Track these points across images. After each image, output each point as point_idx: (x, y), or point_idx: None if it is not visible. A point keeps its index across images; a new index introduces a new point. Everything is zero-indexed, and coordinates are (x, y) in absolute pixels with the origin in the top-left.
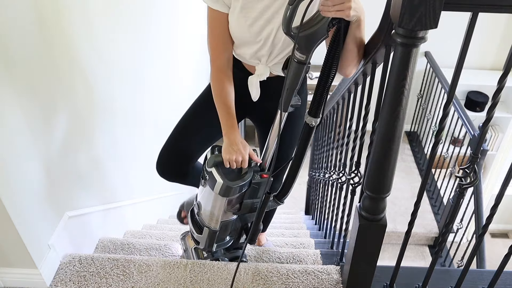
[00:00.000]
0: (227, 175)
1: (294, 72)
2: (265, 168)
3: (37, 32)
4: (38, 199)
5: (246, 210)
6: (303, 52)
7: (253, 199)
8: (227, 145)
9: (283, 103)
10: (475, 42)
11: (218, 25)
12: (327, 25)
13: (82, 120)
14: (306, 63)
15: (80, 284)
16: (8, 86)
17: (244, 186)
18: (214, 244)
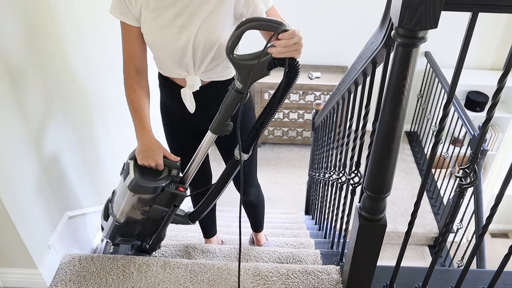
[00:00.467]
0: (142, 172)
1: (231, 99)
2: (186, 182)
3: (33, 36)
4: (38, 199)
5: (155, 216)
6: (242, 82)
7: (163, 207)
8: (140, 150)
9: (215, 125)
10: (475, 42)
11: (128, 35)
12: (267, 63)
13: (82, 121)
14: (244, 93)
15: (80, 284)
16: (8, 88)
17: (155, 189)
18: (118, 237)
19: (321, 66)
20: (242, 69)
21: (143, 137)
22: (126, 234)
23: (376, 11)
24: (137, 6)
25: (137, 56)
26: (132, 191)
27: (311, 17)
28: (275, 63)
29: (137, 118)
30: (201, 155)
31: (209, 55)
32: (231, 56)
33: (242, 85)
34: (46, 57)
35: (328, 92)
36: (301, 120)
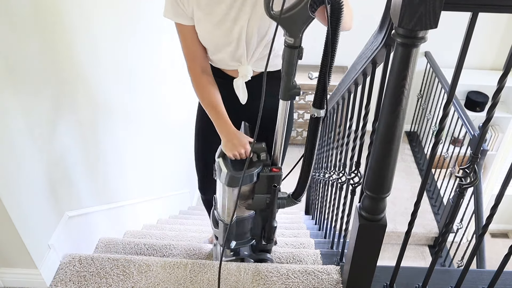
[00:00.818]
0: (233, 165)
1: (287, 57)
2: (277, 162)
3: (38, 36)
4: (38, 199)
5: (259, 206)
6: (291, 35)
7: (265, 194)
8: (225, 142)
9: (282, 91)
10: (475, 42)
11: (187, 36)
12: (308, 6)
13: (82, 121)
14: (298, 46)
15: (80, 284)
16: (9, 88)
17: (251, 178)
18: (232, 241)
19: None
20: (286, 22)
21: (225, 128)
22: (239, 236)
23: (376, 11)
24: (189, 6)
25: (200, 55)
26: (229, 185)
27: None
28: (317, 2)
29: (214, 113)
30: (281, 129)
31: (262, 43)
32: (271, 13)
33: (293, 38)
34: (49, 58)
35: (328, 92)
36: (301, 120)
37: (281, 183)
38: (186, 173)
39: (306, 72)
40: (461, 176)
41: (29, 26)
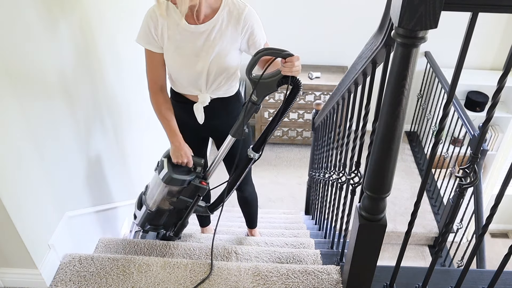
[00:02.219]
0: (173, 168)
1: (248, 110)
2: (207, 177)
3: (40, 36)
4: (38, 199)
5: (180, 205)
6: (257, 96)
7: (188, 198)
8: (174, 150)
9: (235, 131)
10: (475, 42)
11: (154, 61)
12: (276, 82)
13: (82, 121)
14: (258, 104)
15: (80, 284)
16: (9, 88)
17: (183, 182)
18: (147, 225)
19: (321, 66)
20: (258, 86)
21: (175, 140)
22: (154, 222)
23: (376, 11)
24: (162, 38)
25: (161, 77)
26: (165, 183)
27: (311, 17)
28: (282, 81)
29: (167, 126)
30: (221, 155)
31: (219, 78)
32: (250, 76)
33: (257, 98)
34: (49, 57)
35: (328, 92)
36: (301, 120)
37: (204, 193)
38: None
39: (306, 72)
40: (461, 176)
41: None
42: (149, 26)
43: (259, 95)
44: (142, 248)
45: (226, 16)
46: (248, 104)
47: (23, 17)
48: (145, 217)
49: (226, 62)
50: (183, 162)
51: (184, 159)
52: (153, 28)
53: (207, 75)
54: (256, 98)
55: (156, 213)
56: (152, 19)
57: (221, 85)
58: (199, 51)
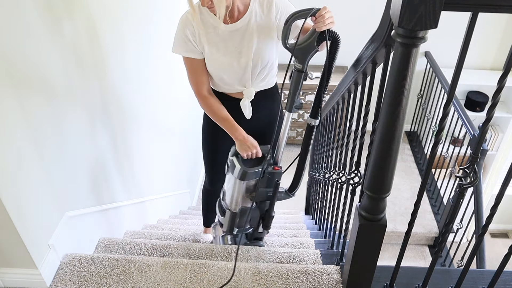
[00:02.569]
0: (245, 163)
1: (295, 79)
2: (278, 162)
3: (38, 32)
4: (38, 199)
5: (261, 198)
6: (300, 62)
7: (266, 188)
8: (240, 144)
9: (289, 105)
10: (475, 42)
11: (196, 67)
12: (315, 41)
13: (83, 121)
14: (304, 71)
15: (80, 284)
16: (9, 88)
17: (258, 173)
18: (234, 228)
19: (321, 66)
20: (298, 52)
21: (238, 134)
22: (241, 224)
23: (376, 11)
24: (201, 43)
25: (206, 81)
26: (241, 179)
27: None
28: (320, 39)
29: (226, 123)
30: (283, 134)
31: (263, 70)
32: (286, 45)
33: (301, 64)
34: (49, 57)
35: (328, 92)
36: (301, 120)
37: (280, 178)
38: (186, 174)
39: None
40: (461, 176)
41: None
42: (186, 34)
43: (302, 60)
44: (142, 248)
45: (258, 8)
46: (294, 74)
47: (23, 16)
48: (231, 221)
49: (267, 52)
50: (252, 153)
51: (253, 150)
52: (190, 35)
53: (252, 69)
54: (300, 65)
55: (241, 213)
56: (187, 26)
57: (264, 76)
58: (241, 47)
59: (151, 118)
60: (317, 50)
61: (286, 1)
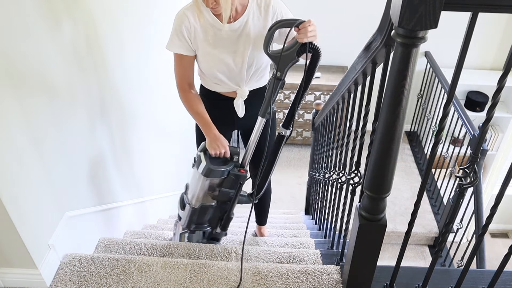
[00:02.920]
0: (212, 160)
1: (272, 86)
2: (244, 165)
3: (36, 33)
4: (38, 199)
5: (223, 198)
6: (279, 70)
7: (229, 189)
8: (210, 142)
9: (263, 111)
10: (475, 42)
11: (183, 62)
12: (296, 51)
13: (83, 121)
14: (282, 79)
15: (80, 284)
16: (9, 88)
17: (223, 173)
18: (192, 224)
19: (321, 66)
20: (278, 60)
21: (210, 131)
22: (200, 220)
23: (376, 11)
24: (196, 41)
25: (190, 76)
26: (205, 176)
27: (311, 17)
28: (301, 50)
29: (201, 119)
30: (254, 139)
31: (258, 71)
32: (268, 51)
33: (280, 72)
34: (49, 57)
35: (328, 92)
36: (301, 120)
37: (244, 182)
38: (186, 173)
39: None
40: (461, 176)
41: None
42: (182, 30)
43: (281, 69)
44: (142, 248)
45: (255, 9)
46: (273, 81)
47: (23, 15)
48: (189, 216)
49: (262, 52)
50: (220, 153)
51: (222, 150)
52: (186, 32)
53: (247, 69)
54: (279, 73)
55: (200, 210)
56: (184, 22)
57: (258, 76)
58: (237, 47)
59: (151, 117)
60: (297, 60)
61: (283, 5)
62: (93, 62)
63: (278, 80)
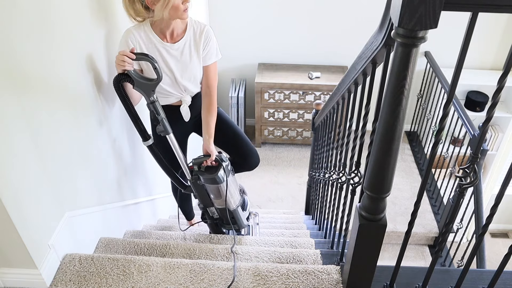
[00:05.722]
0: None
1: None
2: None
3: (38, 31)
4: (38, 199)
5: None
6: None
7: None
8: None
9: (166, 129)
10: (475, 42)
11: None
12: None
13: (83, 121)
14: (153, 102)
15: (80, 284)
16: (9, 88)
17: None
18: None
19: (321, 66)
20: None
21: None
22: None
23: (376, 11)
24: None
25: None
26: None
27: (311, 17)
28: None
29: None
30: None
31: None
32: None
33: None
34: (51, 57)
35: (328, 92)
36: (301, 120)
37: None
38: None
39: (306, 72)
40: (461, 176)
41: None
42: (128, 43)
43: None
44: (142, 248)
45: (192, 34)
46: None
47: (24, 16)
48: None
49: (195, 71)
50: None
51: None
52: (131, 44)
53: (186, 82)
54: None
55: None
56: (129, 36)
57: (196, 85)
58: (177, 65)
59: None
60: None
61: (213, 37)
62: (94, 61)
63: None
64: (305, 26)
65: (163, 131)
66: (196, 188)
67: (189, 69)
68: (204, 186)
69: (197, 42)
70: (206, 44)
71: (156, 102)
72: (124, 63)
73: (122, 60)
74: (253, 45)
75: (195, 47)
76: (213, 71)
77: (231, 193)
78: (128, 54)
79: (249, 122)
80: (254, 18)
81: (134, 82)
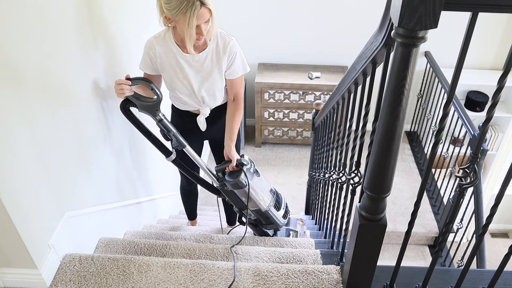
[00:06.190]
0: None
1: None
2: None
3: (41, 37)
4: (38, 199)
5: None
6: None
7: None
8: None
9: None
10: (475, 42)
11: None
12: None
13: (84, 121)
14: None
15: (80, 284)
16: (10, 88)
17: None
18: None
19: (321, 66)
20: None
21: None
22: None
23: (376, 11)
24: (161, 66)
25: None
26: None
27: (311, 17)
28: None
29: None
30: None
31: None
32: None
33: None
34: (51, 58)
35: (328, 92)
36: (301, 120)
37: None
38: None
39: (306, 72)
40: (461, 176)
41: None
42: (149, 56)
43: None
44: (142, 248)
45: (215, 47)
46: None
47: (24, 16)
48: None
49: (216, 84)
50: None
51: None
52: (152, 56)
53: (205, 94)
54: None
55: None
56: (151, 48)
57: (216, 99)
58: (194, 76)
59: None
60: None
61: (239, 50)
62: (97, 60)
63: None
64: (305, 26)
65: (178, 145)
66: (226, 193)
67: (209, 82)
68: (233, 190)
69: (220, 56)
70: (232, 61)
71: (163, 120)
72: (123, 91)
73: (120, 88)
74: (253, 45)
75: (217, 61)
76: (240, 82)
77: (258, 194)
78: (124, 82)
79: (249, 122)
80: (254, 18)
81: (137, 106)
